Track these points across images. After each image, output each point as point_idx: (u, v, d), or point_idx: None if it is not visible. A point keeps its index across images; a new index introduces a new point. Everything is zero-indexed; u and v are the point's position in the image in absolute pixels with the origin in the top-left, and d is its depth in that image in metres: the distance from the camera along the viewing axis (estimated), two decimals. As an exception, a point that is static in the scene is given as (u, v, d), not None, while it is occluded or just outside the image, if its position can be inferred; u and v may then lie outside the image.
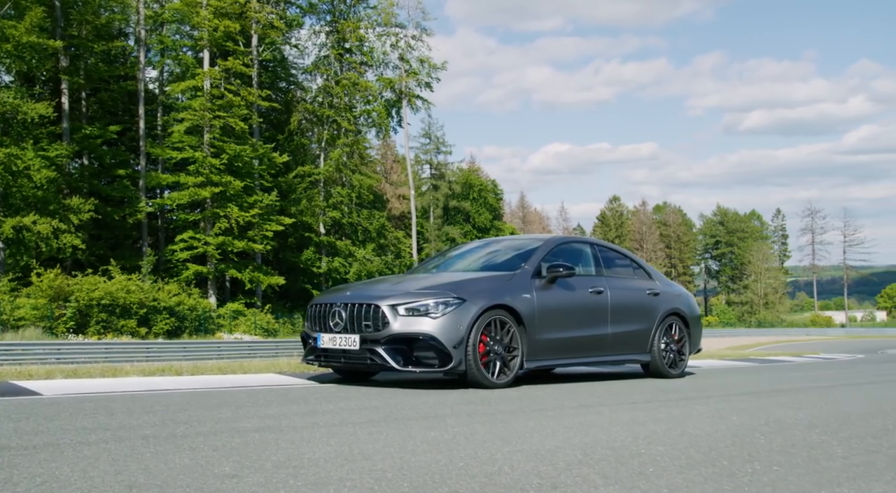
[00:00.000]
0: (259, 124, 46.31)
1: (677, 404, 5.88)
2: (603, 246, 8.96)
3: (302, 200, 48.12)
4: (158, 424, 4.40)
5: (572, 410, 5.31)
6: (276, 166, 45.61)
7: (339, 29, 51.23)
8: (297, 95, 53.04)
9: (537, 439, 3.97)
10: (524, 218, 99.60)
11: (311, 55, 52.84)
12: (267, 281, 43.52)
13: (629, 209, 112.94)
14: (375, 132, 56.22)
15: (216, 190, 41.60)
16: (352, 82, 50.29)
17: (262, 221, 43.44)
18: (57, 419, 4.57)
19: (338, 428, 4.27)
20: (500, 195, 76.91)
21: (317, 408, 5.24)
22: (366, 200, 51.81)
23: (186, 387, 6.72)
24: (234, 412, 5.00)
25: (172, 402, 5.53)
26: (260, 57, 47.27)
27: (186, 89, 43.57)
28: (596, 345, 8.17)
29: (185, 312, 38.10)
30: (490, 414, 4.98)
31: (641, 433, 4.19)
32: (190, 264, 42.25)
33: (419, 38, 55.39)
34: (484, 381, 6.92)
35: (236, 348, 33.66)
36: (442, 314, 6.81)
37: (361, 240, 51.17)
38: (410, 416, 4.84)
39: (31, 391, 6.12)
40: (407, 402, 5.69)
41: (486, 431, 4.23)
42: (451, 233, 69.57)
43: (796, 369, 12.06)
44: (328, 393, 6.32)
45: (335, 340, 7.09)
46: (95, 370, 7.87)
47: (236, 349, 33.52)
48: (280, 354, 34.37)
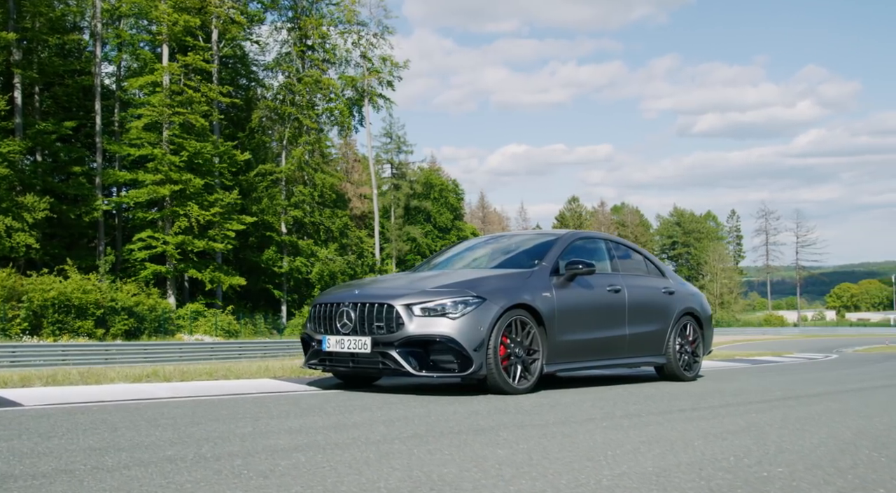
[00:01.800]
0: (220, 121, 45.30)
1: (731, 411, 5.45)
2: (616, 242, 8.53)
3: (263, 199, 47.23)
4: (176, 441, 3.84)
5: (624, 419, 4.85)
6: (237, 164, 44.68)
7: (301, 26, 50.40)
8: (258, 92, 52.09)
9: (626, 457, 3.49)
10: (484, 218, 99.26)
11: (273, 52, 52.11)
12: (228, 281, 42.59)
13: (588, 210, 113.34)
14: (338, 131, 55.51)
15: (176, 188, 40.58)
16: (314, 80, 49.48)
17: (223, 220, 42.49)
18: (54, 436, 3.99)
19: (386, 446, 3.75)
20: (462, 195, 76.54)
21: (343, 420, 4.71)
22: (328, 199, 51.01)
23: (182, 395, 6.13)
24: (253, 425, 4.45)
25: (177, 413, 4.95)
26: (220, 53, 46.29)
27: (145, 85, 42.41)
28: (614, 347, 7.73)
29: (144, 312, 37.05)
30: (541, 426, 4.50)
31: (736, 448, 3.74)
32: (148, 264, 41.17)
33: (381, 37, 54.76)
34: (505, 386, 6.43)
35: (198, 350, 32.77)
36: (461, 315, 6.30)
37: (324, 239, 50.38)
38: (457, 429, 4.34)
39: (11, 401, 5.49)
40: (437, 412, 5.18)
41: (557, 447, 3.75)
42: (412, 233, 69.02)
43: (796, 369, 11.76)
44: (343, 402, 5.78)
45: (343, 342, 6.54)
46: (74, 376, 7.22)
47: (198, 351, 32.63)
48: (243, 356, 33.59)
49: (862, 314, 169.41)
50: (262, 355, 34.56)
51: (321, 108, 51.74)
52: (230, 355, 33.13)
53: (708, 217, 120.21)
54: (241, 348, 34.66)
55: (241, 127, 49.32)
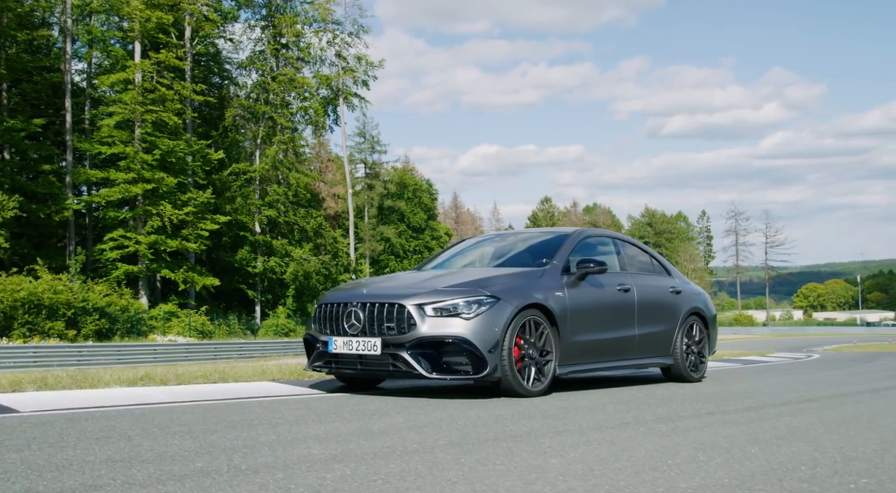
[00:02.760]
0: (193, 120, 44.71)
1: (763, 414, 5.28)
2: (623, 239, 8.35)
3: (237, 198, 46.67)
4: (202, 451, 3.59)
5: (659, 424, 4.66)
6: (210, 163, 44.10)
7: (275, 24, 49.88)
8: (231, 90, 51.51)
9: (689, 466, 3.30)
10: (457, 218, 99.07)
11: (246, 50, 51.44)
12: (202, 282, 42.02)
13: (560, 210, 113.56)
14: (312, 130, 55.03)
15: (148, 187, 39.98)
16: (288, 79, 48.99)
17: (196, 220, 41.92)
18: (66, 446, 3.72)
19: (429, 455, 3.53)
20: (435, 195, 76.25)
21: (366, 426, 4.47)
22: (303, 198, 50.54)
23: (184, 399, 5.85)
24: (274, 432, 4.20)
25: (188, 419, 4.69)
26: (193, 50, 45.67)
27: (116, 82, 41.67)
28: (624, 348, 7.55)
29: (116, 313, 36.42)
30: (578, 432, 4.30)
31: (798, 456, 3.56)
32: (120, 264, 40.51)
33: (356, 36, 54.38)
34: (519, 389, 6.22)
35: (172, 351, 32.28)
36: (475, 315, 6.09)
37: (298, 239, 49.91)
38: (492, 436, 4.12)
39: (6, 407, 5.20)
40: (461, 417, 4.96)
41: (610, 455, 3.54)
42: (385, 233, 68.66)
43: (790, 370, 11.67)
44: (356, 406, 5.54)
45: (350, 344, 6.29)
46: (66, 379, 6.91)
47: (173, 352, 32.14)
48: (218, 357, 33.13)
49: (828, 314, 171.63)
50: (237, 356, 34.12)
51: (295, 107, 51.27)
52: (205, 357, 32.65)
53: (679, 218, 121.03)
54: (217, 349, 34.20)
55: (214, 126, 48.69)
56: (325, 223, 55.94)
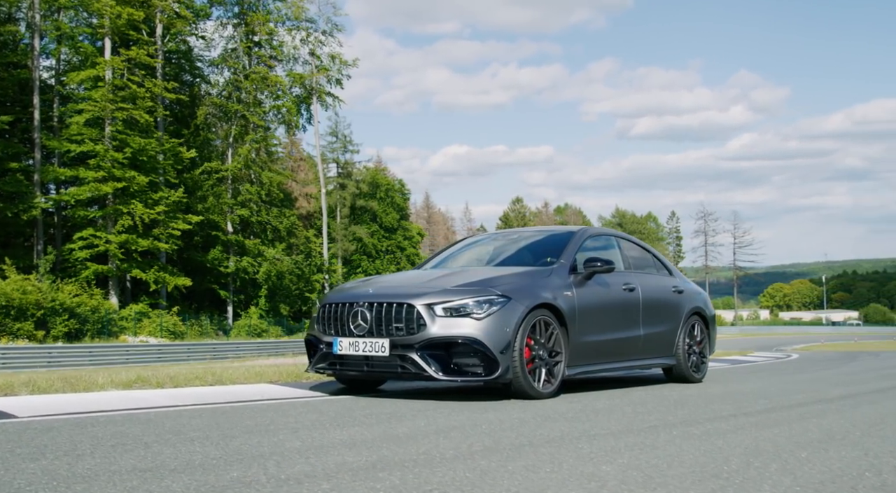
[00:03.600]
0: (164, 118, 44.13)
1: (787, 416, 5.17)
2: (626, 238, 8.25)
3: (209, 198, 46.15)
4: (231, 459, 3.40)
5: (689, 427, 4.53)
6: (182, 162, 43.55)
7: (247, 21, 49.42)
8: (203, 88, 50.92)
9: (749, 473, 3.17)
10: (429, 219, 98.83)
11: (218, 48, 50.80)
12: (173, 282, 41.49)
13: (531, 211, 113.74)
14: (285, 129, 54.59)
15: (119, 185, 39.40)
16: (261, 77, 48.56)
17: (168, 219, 41.37)
18: (84, 454, 3.51)
19: (473, 463, 3.37)
20: (408, 195, 75.91)
21: (391, 431, 4.30)
22: (276, 198, 50.10)
23: (187, 403, 5.64)
24: (298, 438, 4.02)
25: (200, 424, 4.49)
26: (165, 48, 45.08)
27: (86, 79, 41.07)
28: (630, 348, 7.44)
29: (86, 313, 35.83)
30: (613, 436, 4.15)
31: (854, 462, 3.45)
32: (90, 264, 39.87)
33: (330, 34, 54.04)
34: (531, 391, 6.08)
35: (145, 352, 31.82)
36: (486, 315, 5.93)
37: (271, 239, 49.46)
38: (526, 441, 3.97)
39: (1, 413, 4.96)
40: (483, 420, 4.79)
41: (661, 462, 3.41)
42: (358, 232, 68.21)
43: (779, 370, 11.63)
44: (369, 410, 5.36)
45: (357, 345, 6.10)
46: (57, 382, 6.66)
47: (145, 353, 31.68)
48: (192, 358, 32.70)
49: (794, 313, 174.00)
50: (211, 356, 33.71)
51: (268, 105, 50.80)
52: (178, 358, 32.22)
53: (649, 218, 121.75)
54: (190, 351, 33.75)
55: (185, 124, 48.12)
56: (299, 223, 55.52)
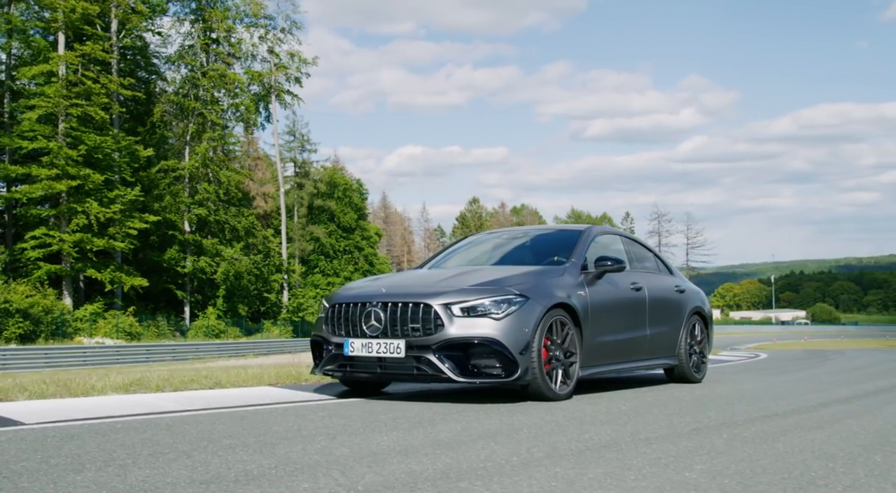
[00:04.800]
0: (120, 115, 43.25)
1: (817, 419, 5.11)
2: (629, 237, 8.16)
3: (165, 196, 45.31)
4: (289, 468, 3.20)
5: (735, 429, 4.43)
6: (138, 160, 42.69)
7: (205, 18, 48.64)
8: (159, 85, 50.01)
9: (844, 479, 3.07)
10: (386, 218, 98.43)
11: (175, 44, 49.95)
12: (130, 282, 40.66)
13: (488, 211, 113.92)
14: (243, 127, 53.86)
15: (73, 183, 38.49)
16: (219, 74, 47.83)
17: (124, 218, 40.52)
18: (125, 464, 3.29)
19: (547, 471, 3.22)
20: (366, 195, 75.54)
21: (435, 437, 4.11)
22: (234, 197, 49.39)
23: (195, 407, 5.40)
24: (341, 444, 3.82)
25: (230, 431, 4.27)
26: (120, 43, 44.18)
27: (38, 75, 40.01)
28: (638, 348, 7.34)
29: (40, 314, 34.93)
30: (668, 439, 4.03)
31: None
32: (42, 263, 38.88)
33: (289, 32, 53.51)
34: (548, 392, 5.94)
35: (103, 354, 31.14)
36: (505, 315, 5.78)
37: (229, 239, 48.73)
38: (582, 447, 3.82)
39: (7, 420, 4.68)
40: (521, 424, 4.64)
41: (744, 467, 3.28)
42: (315, 232, 67.66)
43: (763, 369, 11.68)
44: (394, 413, 5.17)
45: (370, 346, 5.90)
46: (52, 386, 6.35)
47: (103, 355, 31.01)
48: (151, 359, 32.08)
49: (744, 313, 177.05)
50: (171, 358, 33.11)
51: (226, 103, 50.07)
52: (137, 359, 31.61)
53: (604, 219, 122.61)
54: (149, 352, 33.11)
55: (141, 121, 47.21)
56: (258, 223, 54.85)
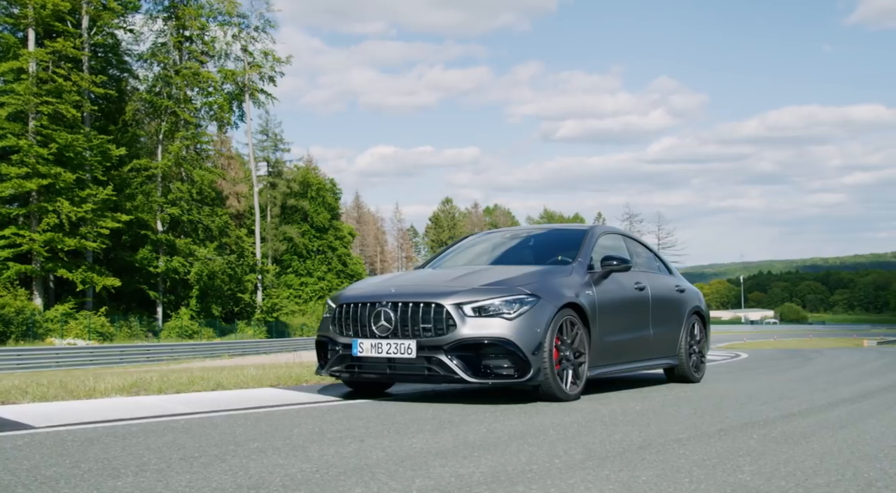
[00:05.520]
0: (92, 113, 42.66)
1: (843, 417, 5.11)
2: (631, 236, 8.14)
3: (138, 196, 44.76)
4: (336, 473, 3.11)
5: (761, 429, 4.40)
6: (110, 159, 42.12)
7: (178, 15, 48.13)
8: (132, 83, 49.42)
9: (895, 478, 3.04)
10: (359, 218, 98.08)
11: (147, 42, 49.34)
12: (102, 282, 40.10)
13: (461, 211, 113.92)
14: (217, 126, 53.39)
15: (43, 182, 37.89)
16: (192, 73, 47.37)
17: (95, 217, 39.97)
18: (161, 468, 3.18)
19: (603, 473, 3.17)
20: (339, 195, 75.24)
21: (465, 438, 4.04)
22: (208, 196, 48.93)
23: (205, 410, 5.27)
24: (373, 447, 3.74)
25: (251, 433, 4.16)
26: (91, 40, 43.58)
27: (7, 71, 39.33)
28: (642, 348, 7.31)
29: (10, 315, 34.35)
30: (702, 439, 3.99)
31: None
32: (11, 263, 38.23)
33: (263, 30, 53.12)
34: (559, 393, 5.88)
35: (76, 355, 30.70)
36: (517, 315, 5.72)
37: (202, 239, 48.26)
38: (622, 448, 3.77)
39: (15, 423, 4.55)
40: (547, 425, 4.58)
41: (795, 468, 3.25)
42: (288, 232, 67.33)
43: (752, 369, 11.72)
44: (409, 415, 5.09)
45: (380, 347, 5.81)
46: (51, 389, 6.19)
47: (76, 356, 30.57)
48: (125, 360, 31.68)
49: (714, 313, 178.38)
50: (145, 359, 32.72)
51: (199, 102, 49.58)
52: (111, 361, 31.21)
53: (576, 219, 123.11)
54: (122, 353, 32.69)
55: (113, 120, 46.59)
56: (231, 222, 54.41)
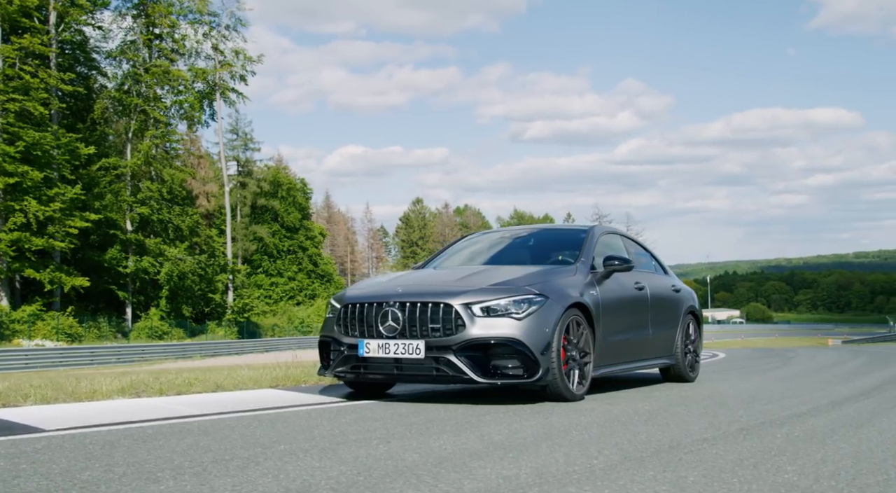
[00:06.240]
0: (60, 110, 42.04)
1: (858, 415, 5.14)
2: (629, 237, 8.16)
3: (107, 195, 44.17)
4: (381, 474, 3.06)
5: (782, 428, 4.42)
6: (79, 157, 41.51)
7: (148, 13, 47.57)
8: (100, 81, 48.75)
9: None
10: (329, 218, 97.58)
11: (116, 39, 48.75)
12: (70, 282, 39.51)
13: (431, 212, 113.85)
14: (187, 125, 52.81)
15: (10, 181, 37.26)
16: (162, 71, 46.84)
17: (63, 217, 39.36)
18: (199, 473, 3.12)
19: (641, 473, 3.15)
20: (310, 195, 74.79)
21: (491, 438, 4.01)
22: (178, 196, 48.41)
23: (212, 412, 5.18)
24: (403, 448, 3.70)
25: (273, 435, 4.10)
26: (59, 37, 42.94)
27: (-28, 68, 38.67)
28: (642, 348, 7.33)
29: (-22, 316, 33.76)
30: (728, 438, 3.99)
31: None
32: (-23, 263, 37.58)
33: (234, 29, 52.67)
34: (566, 393, 5.86)
35: (46, 357, 30.21)
36: (525, 315, 5.69)
37: (172, 238, 47.73)
38: (655, 449, 3.76)
39: (25, 426, 4.44)
40: (569, 425, 4.56)
41: (839, 466, 3.26)
42: (259, 232, 66.82)
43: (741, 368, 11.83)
44: (421, 415, 5.04)
45: (387, 347, 5.75)
46: (51, 391, 6.06)
47: (46, 358, 30.09)
48: (95, 361, 31.24)
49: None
50: (116, 360, 32.29)
51: (170, 100, 49.05)
52: (81, 362, 30.77)
53: (546, 220, 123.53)
54: (93, 354, 32.23)
55: (81, 118, 45.95)
56: (202, 222, 53.89)
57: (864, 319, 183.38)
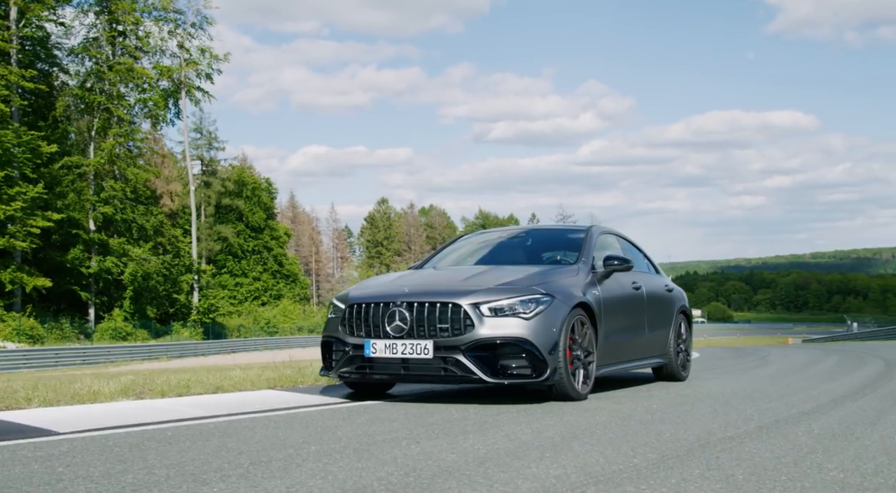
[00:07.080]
0: (21, 108, 41.29)
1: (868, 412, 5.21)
2: (624, 237, 8.20)
3: (69, 194, 43.47)
4: (420, 476, 3.04)
5: (802, 424, 4.47)
6: (41, 156, 40.80)
7: (111, 9, 46.88)
8: (62, 78, 47.95)
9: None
10: (294, 218, 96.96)
11: (79, 36, 48.00)
12: (32, 283, 38.86)
13: (397, 212, 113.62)
14: (151, 123, 52.14)
15: (-30, 180, 36.54)
16: (126, 68, 46.19)
17: (25, 216, 38.68)
18: (246, 475, 3.07)
19: (683, 473, 3.16)
20: (275, 194, 74.31)
21: (518, 437, 4.01)
22: (142, 195, 47.78)
23: (221, 413, 5.11)
24: (435, 447, 3.68)
25: (293, 437, 4.05)
26: (20, 33, 42.18)
27: (-68, 64, 37.89)
28: (640, 347, 7.37)
29: (-64, 318, 33.03)
30: (752, 436, 4.03)
31: None
32: (-64, 264, 36.80)
33: (200, 27, 52.12)
34: (572, 392, 5.88)
35: (9, 359, 29.67)
36: (533, 314, 5.69)
37: (137, 238, 47.09)
38: (687, 448, 3.78)
39: (38, 429, 4.34)
40: (582, 424, 4.57)
41: (878, 465, 3.30)
42: (223, 232, 66.26)
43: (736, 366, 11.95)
44: (434, 416, 5.02)
45: (394, 347, 5.72)
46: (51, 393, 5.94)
47: (9, 359, 29.54)
48: (60, 363, 30.75)
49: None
50: (81, 362, 31.80)
51: (133, 98, 48.39)
52: (46, 364, 30.27)
53: (511, 220, 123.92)
54: (58, 356, 31.71)
55: (42, 116, 45.16)
56: (167, 221, 53.25)
57: (822, 318, 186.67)
